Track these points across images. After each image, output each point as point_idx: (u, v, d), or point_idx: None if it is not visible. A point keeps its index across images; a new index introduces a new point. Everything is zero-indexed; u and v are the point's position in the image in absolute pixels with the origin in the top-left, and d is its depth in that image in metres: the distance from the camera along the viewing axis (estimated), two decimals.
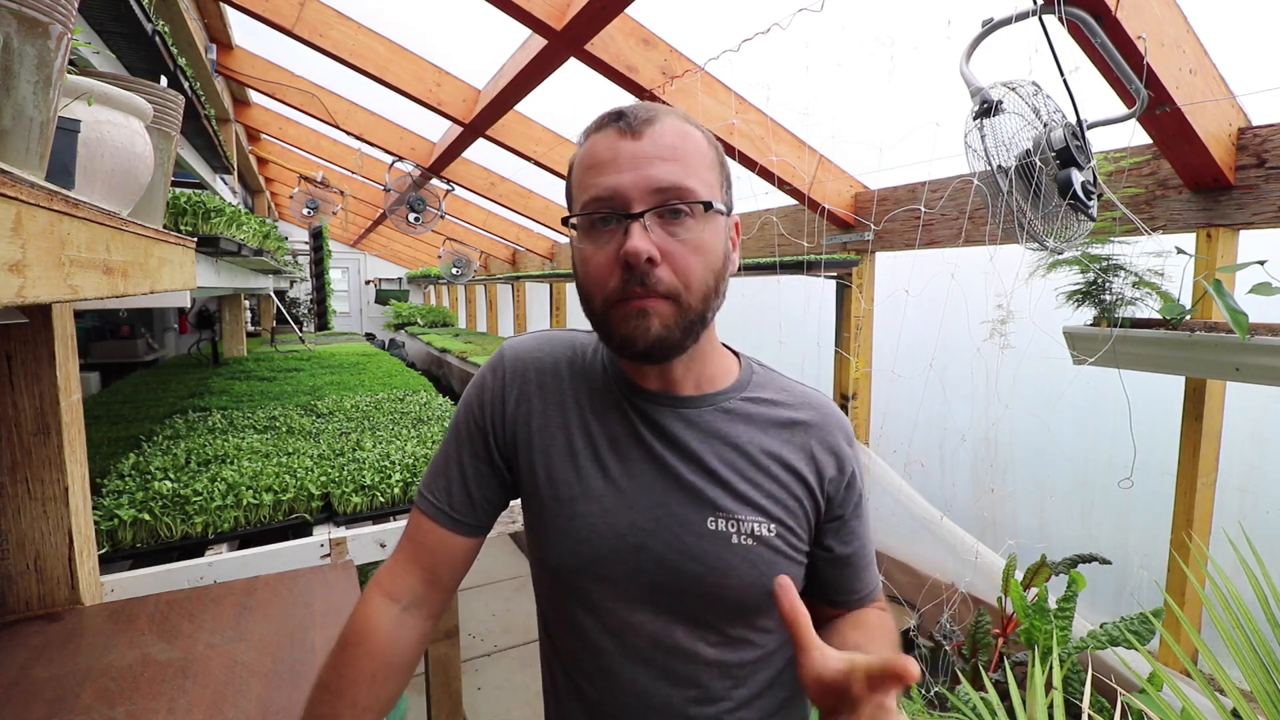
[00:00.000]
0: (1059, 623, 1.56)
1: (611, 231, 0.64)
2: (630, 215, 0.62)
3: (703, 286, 0.65)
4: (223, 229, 2.09)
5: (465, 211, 5.61)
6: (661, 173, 0.63)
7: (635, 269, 0.62)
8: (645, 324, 0.63)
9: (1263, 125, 1.49)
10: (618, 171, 0.63)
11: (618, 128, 0.65)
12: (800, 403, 0.75)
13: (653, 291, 0.62)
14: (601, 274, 0.64)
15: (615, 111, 0.66)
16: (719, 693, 0.70)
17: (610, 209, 0.63)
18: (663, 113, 0.66)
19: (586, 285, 0.67)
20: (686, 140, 0.65)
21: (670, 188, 0.63)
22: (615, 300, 0.64)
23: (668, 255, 0.63)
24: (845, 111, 2.09)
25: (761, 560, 0.68)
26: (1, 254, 0.48)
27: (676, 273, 0.63)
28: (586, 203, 0.65)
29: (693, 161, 0.65)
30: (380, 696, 0.71)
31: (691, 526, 0.68)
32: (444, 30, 2.87)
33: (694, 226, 0.64)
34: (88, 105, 0.84)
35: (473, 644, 2.99)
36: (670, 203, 0.63)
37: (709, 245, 0.65)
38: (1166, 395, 1.72)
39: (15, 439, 1.23)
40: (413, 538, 0.77)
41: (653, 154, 0.63)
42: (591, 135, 0.67)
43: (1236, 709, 1.06)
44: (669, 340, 0.64)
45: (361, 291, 11.26)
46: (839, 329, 2.73)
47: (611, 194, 0.63)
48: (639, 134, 0.64)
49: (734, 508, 0.69)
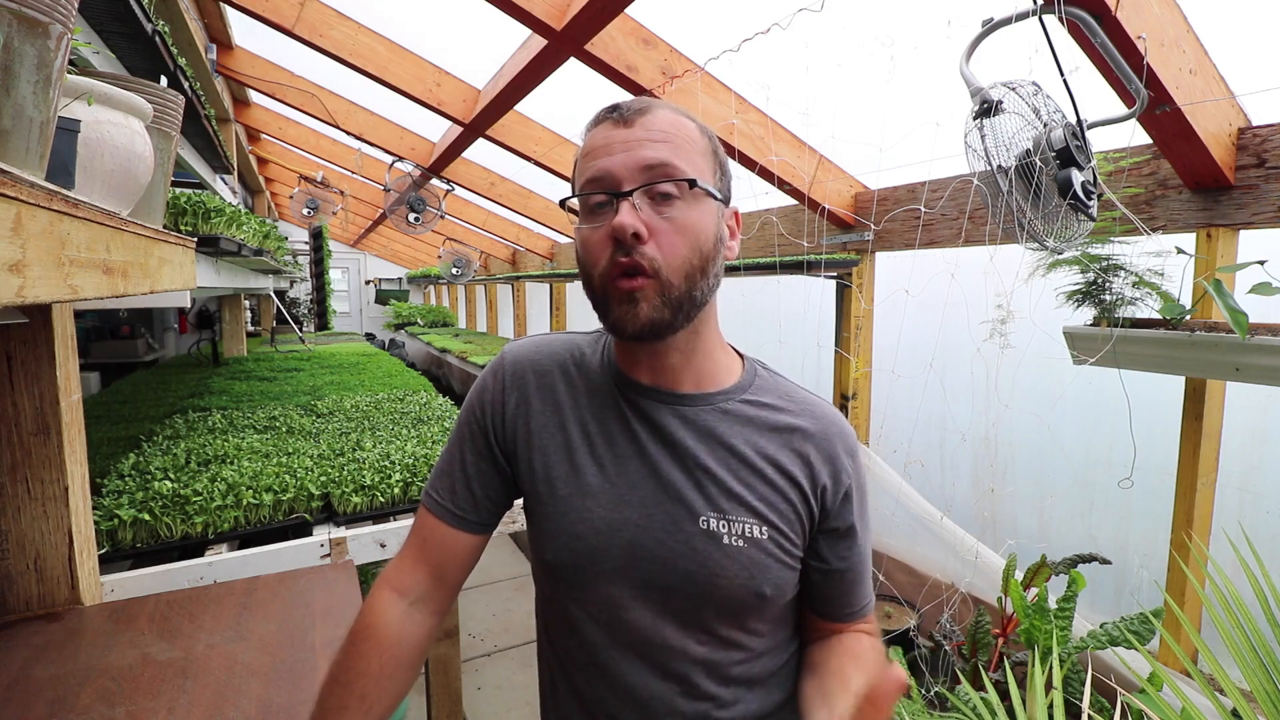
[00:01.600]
0: (1059, 623, 1.56)
1: (606, 213, 0.67)
2: (620, 194, 0.65)
3: (685, 265, 0.66)
4: (223, 229, 2.09)
5: (465, 211, 5.60)
6: (650, 152, 0.65)
7: (623, 243, 0.64)
8: (634, 310, 0.65)
9: (1263, 125, 1.49)
10: (609, 154, 0.66)
11: (613, 119, 0.68)
12: (801, 410, 0.75)
13: (638, 268, 0.64)
14: (597, 252, 0.67)
15: (612, 105, 0.70)
16: (707, 690, 0.71)
17: (602, 189, 0.66)
18: (656, 104, 0.69)
19: (585, 265, 0.69)
20: (678, 127, 0.68)
21: (657, 165, 0.65)
22: (609, 277, 0.66)
23: (655, 232, 0.65)
24: (845, 111, 2.09)
25: (753, 562, 0.68)
26: (1, 254, 0.48)
27: (661, 250, 0.65)
28: (582, 185, 0.68)
29: (682, 145, 0.67)
30: (387, 691, 0.73)
31: (684, 525, 0.69)
32: (444, 30, 2.86)
33: (682, 207, 0.66)
34: (88, 105, 0.84)
35: (473, 644, 2.99)
36: (658, 181, 0.65)
37: (696, 225, 0.67)
38: (1166, 395, 1.72)
39: (15, 439, 1.23)
40: (419, 535, 0.79)
41: (643, 137, 0.66)
42: (590, 129, 0.71)
43: (1236, 709, 1.06)
44: (659, 320, 0.66)
45: (361, 291, 11.26)
46: (839, 329, 2.73)
47: (604, 174, 0.66)
48: (631, 122, 0.67)
49: (727, 508, 0.69)
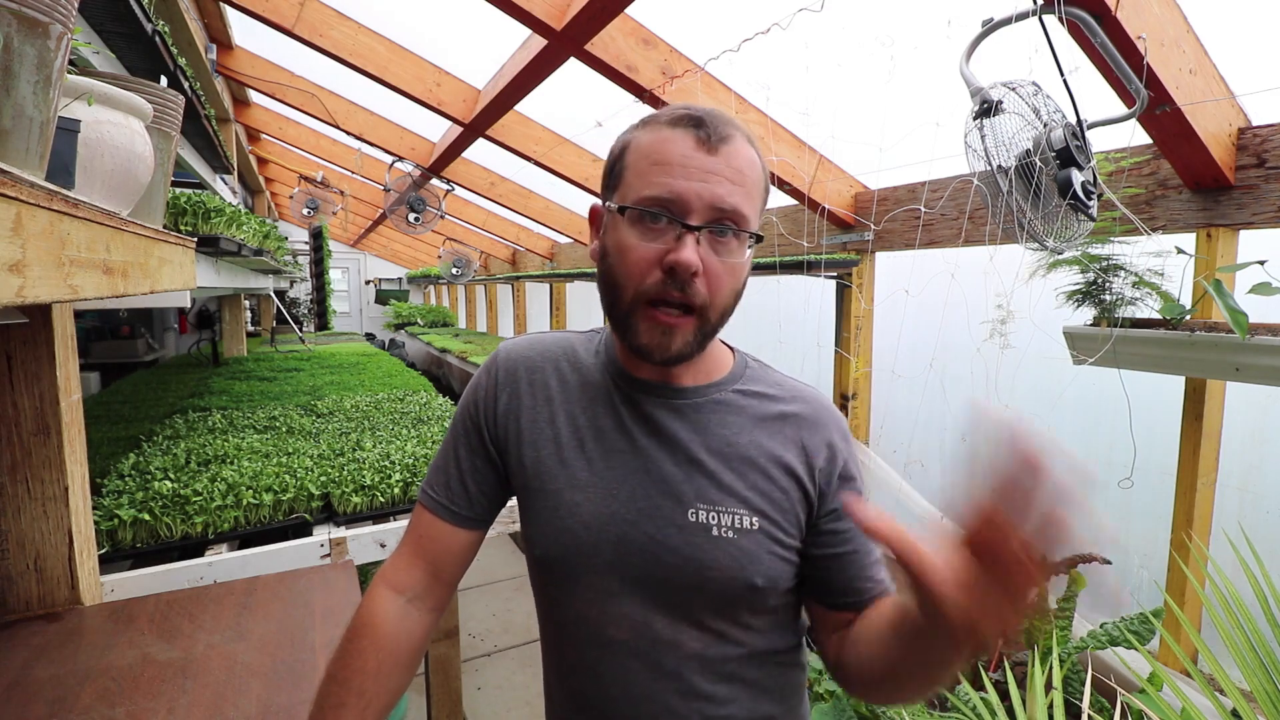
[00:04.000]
0: (1059, 623, 1.56)
1: (661, 231, 0.65)
2: (688, 226, 0.64)
3: (725, 306, 0.68)
4: (223, 229, 2.09)
5: (465, 211, 5.60)
6: (727, 194, 0.64)
7: (678, 277, 0.64)
8: (668, 341, 0.66)
9: (1263, 125, 1.49)
10: (686, 179, 0.64)
11: (697, 136, 0.65)
12: (793, 396, 0.76)
13: (687, 303, 0.65)
14: (640, 269, 0.65)
15: (695, 116, 0.66)
16: (701, 689, 0.70)
17: (669, 212, 0.64)
18: (737, 132, 0.67)
19: (619, 274, 0.67)
20: (753, 167, 0.67)
21: (731, 211, 0.65)
22: (648, 299, 0.65)
23: (708, 270, 0.65)
24: (845, 111, 2.09)
25: (743, 553, 0.68)
26: (1, 254, 0.48)
27: (710, 289, 0.65)
28: (646, 198, 0.65)
29: (752, 191, 0.67)
30: (385, 688, 0.73)
31: (672, 518, 0.69)
32: (444, 30, 2.86)
33: (736, 250, 0.67)
34: (88, 105, 0.84)
35: (473, 644, 2.99)
36: (725, 224, 0.65)
37: (741, 270, 0.68)
38: (1166, 395, 1.72)
39: (15, 439, 1.23)
40: (415, 532, 0.80)
41: (724, 173, 0.65)
42: (663, 129, 0.66)
43: (1236, 709, 1.06)
44: (688, 354, 0.68)
45: (361, 291, 11.26)
46: (839, 329, 2.73)
47: (675, 198, 0.64)
48: (715, 149, 0.65)
49: (717, 499, 0.69)
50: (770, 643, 0.74)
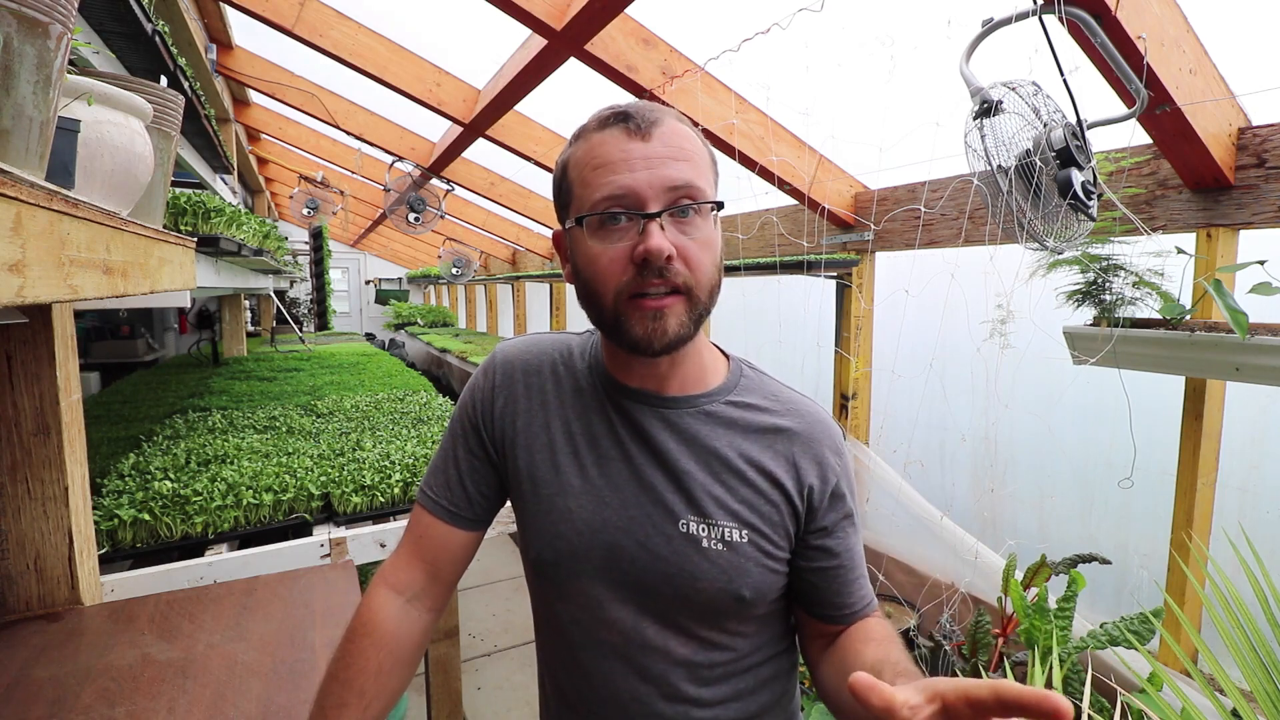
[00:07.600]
0: (1059, 623, 1.56)
1: (623, 230, 0.65)
2: (646, 215, 0.63)
3: (711, 282, 0.67)
4: (223, 229, 2.09)
5: (465, 211, 5.60)
6: (675, 172, 0.64)
7: (653, 266, 0.63)
8: (662, 325, 0.65)
9: (1263, 125, 1.49)
10: (631, 170, 0.64)
11: (626, 128, 0.65)
12: (787, 410, 0.75)
13: (670, 285, 0.64)
14: (614, 269, 0.65)
15: (619, 112, 0.66)
16: (687, 693, 0.71)
17: (623, 207, 0.64)
18: (665, 113, 0.68)
19: (595, 283, 0.67)
20: (691, 141, 0.67)
21: (683, 186, 0.64)
22: (629, 295, 0.65)
23: (681, 252, 0.65)
24: (845, 111, 2.09)
25: (732, 565, 0.68)
26: (1, 254, 0.48)
27: (690, 269, 0.65)
28: (598, 201, 0.65)
29: (698, 162, 0.67)
30: (386, 687, 0.73)
31: (663, 528, 0.69)
32: (444, 30, 2.87)
33: (702, 225, 0.66)
34: (88, 105, 0.84)
35: (473, 644, 2.99)
36: (682, 202, 0.64)
37: (714, 241, 0.68)
38: (1166, 395, 1.72)
39: (15, 439, 1.23)
40: (414, 532, 0.80)
41: (664, 154, 0.64)
42: (594, 134, 0.67)
43: (1236, 709, 1.06)
44: (684, 336, 0.66)
45: (361, 291, 11.26)
46: (839, 329, 2.72)
47: (626, 192, 0.64)
48: (648, 135, 0.65)
49: (707, 511, 0.69)
50: (759, 647, 0.74)
